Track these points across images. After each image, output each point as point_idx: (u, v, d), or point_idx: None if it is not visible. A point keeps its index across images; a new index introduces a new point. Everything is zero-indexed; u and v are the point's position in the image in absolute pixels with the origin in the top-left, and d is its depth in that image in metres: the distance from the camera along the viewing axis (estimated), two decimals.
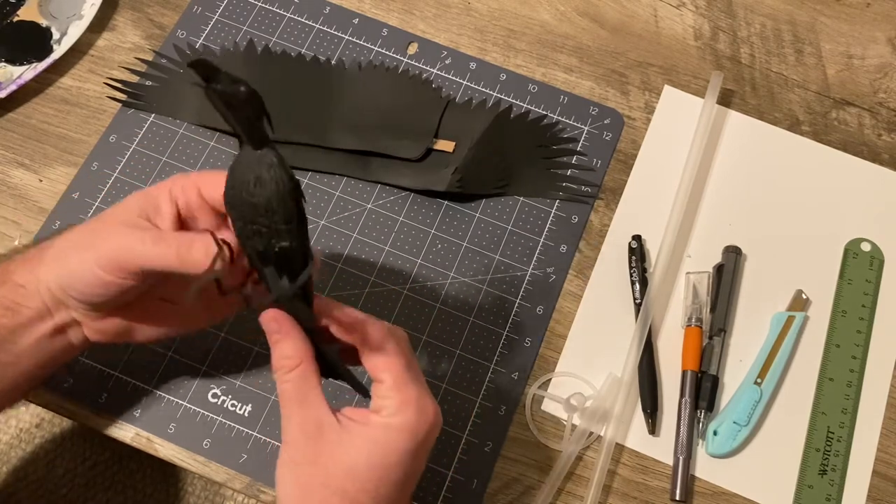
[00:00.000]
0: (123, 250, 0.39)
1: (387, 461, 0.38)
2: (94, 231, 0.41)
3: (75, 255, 0.40)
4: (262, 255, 0.37)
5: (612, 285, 0.56)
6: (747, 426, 0.51)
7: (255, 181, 0.35)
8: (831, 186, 0.59)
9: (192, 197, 0.42)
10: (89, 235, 0.41)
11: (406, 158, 0.57)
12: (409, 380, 0.39)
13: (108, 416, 0.51)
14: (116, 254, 0.39)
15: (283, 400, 0.39)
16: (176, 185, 0.42)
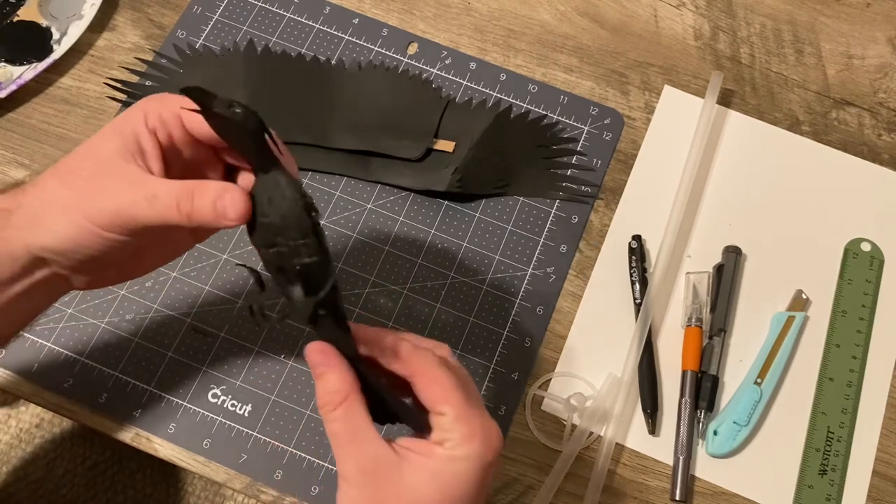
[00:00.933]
0: (119, 209, 0.36)
1: (454, 493, 0.36)
2: (74, 188, 0.37)
3: (59, 216, 0.37)
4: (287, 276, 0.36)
5: (612, 285, 0.56)
6: (747, 426, 0.51)
7: (268, 202, 0.35)
8: (831, 186, 0.59)
9: (176, 130, 0.39)
10: (68, 193, 0.37)
11: (406, 158, 0.57)
12: (472, 409, 0.37)
13: (108, 416, 0.51)
14: (112, 213, 0.36)
15: (334, 439, 0.37)
16: (152, 116, 0.38)
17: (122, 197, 0.36)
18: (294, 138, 0.58)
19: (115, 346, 0.53)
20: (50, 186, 0.38)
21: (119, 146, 0.38)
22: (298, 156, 0.58)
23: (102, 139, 0.38)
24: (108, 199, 0.36)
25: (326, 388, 0.37)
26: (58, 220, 0.37)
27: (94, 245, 0.37)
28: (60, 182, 0.38)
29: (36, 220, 0.38)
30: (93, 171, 0.37)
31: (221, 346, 0.53)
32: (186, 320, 0.54)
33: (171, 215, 0.36)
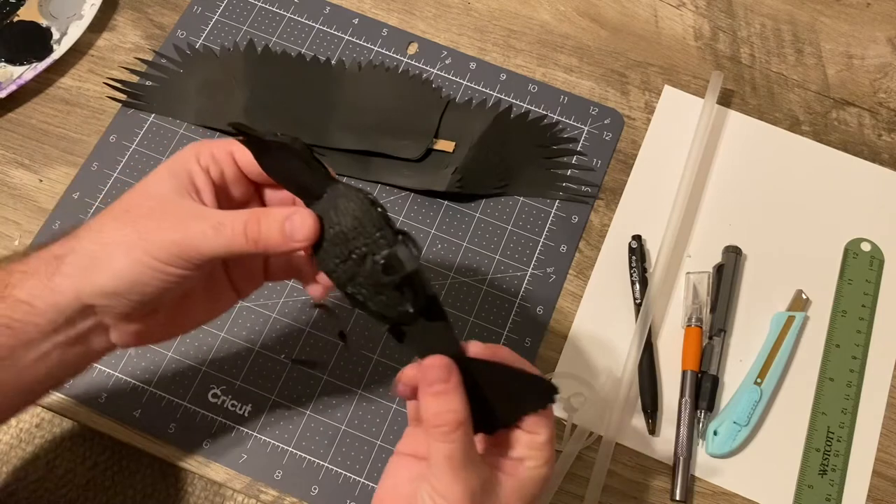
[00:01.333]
0: (184, 241, 0.36)
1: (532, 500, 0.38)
2: (132, 226, 0.37)
3: (120, 255, 0.36)
4: (369, 288, 0.35)
5: (612, 285, 0.56)
6: (747, 426, 0.51)
7: (334, 213, 0.35)
8: (831, 186, 0.59)
9: (228, 167, 0.39)
10: (127, 232, 0.37)
11: (406, 158, 0.57)
12: (554, 433, 0.38)
13: (108, 416, 0.51)
14: (176, 246, 0.36)
15: (448, 462, 0.35)
16: (204, 155, 0.39)
17: (185, 229, 0.36)
18: None
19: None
20: (108, 227, 0.37)
21: (174, 184, 0.38)
22: None
23: (156, 179, 0.38)
24: (171, 233, 0.36)
25: (447, 408, 0.35)
26: (118, 258, 0.36)
27: (153, 282, 0.37)
28: (118, 222, 0.37)
29: (92, 262, 0.37)
30: (151, 207, 0.37)
31: (221, 346, 0.53)
32: None
33: (238, 242, 0.36)
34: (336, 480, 0.50)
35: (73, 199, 0.57)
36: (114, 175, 0.57)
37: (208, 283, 0.42)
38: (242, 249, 0.36)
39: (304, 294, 0.55)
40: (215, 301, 0.43)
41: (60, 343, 0.38)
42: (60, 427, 0.53)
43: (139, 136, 0.59)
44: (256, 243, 0.36)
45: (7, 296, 0.37)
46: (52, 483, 0.52)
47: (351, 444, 0.51)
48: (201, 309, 0.42)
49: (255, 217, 0.36)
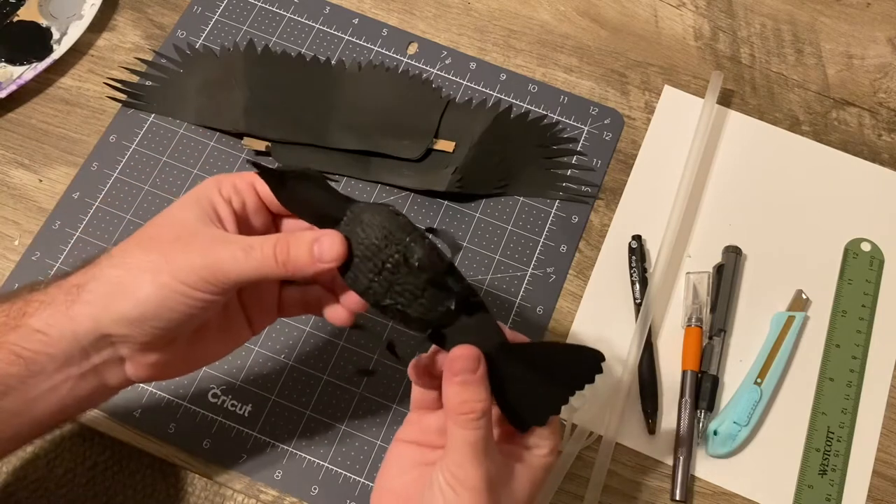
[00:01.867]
0: (213, 265, 0.36)
1: (538, 492, 0.40)
2: (159, 251, 0.37)
3: (147, 280, 0.36)
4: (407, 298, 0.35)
5: (612, 285, 0.56)
6: (747, 426, 0.51)
7: (361, 229, 0.35)
8: (831, 186, 0.59)
9: (249, 198, 0.39)
10: (154, 257, 0.36)
11: (406, 158, 0.57)
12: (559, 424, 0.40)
13: (109, 417, 0.51)
14: (205, 269, 0.36)
15: (471, 448, 0.36)
16: (226, 185, 0.39)
17: (215, 253, 0.36)
18: (294, 138, 0.58)
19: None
20: (133, 253, 0.37)
21: (198, 213, 0.38)
22: (298, 156, 0.58)
23: (180, 208, 0.38)
24: (200, 257, 0.36)
25: (474, 397, 0.36)
26: (142, 284, 0.36)
27: (179, 307, 0.36)
28: (143, 248, 0.37)
29: (117, 288, 0.37)
30: (177, 234, 0.37)
31: None
32: None
33: (268, 265, 0.36)
34: (336, 480, 0.50)
35: (73, 199, 0.57)
36: (114, 175, 0.57)
37: (224, 317, 0.42)
38: (272, 272, 0.36)
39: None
40: (230, 335, 0.43)
41: (74, 376, 0.38)
42: (60, 427, 0.53)
43: (139, 136, 0.59)
44: (286, 265, 0.36)
45: (22, 325, 0.37)
46: (52, 483, 0.52)
47: (351, 444, 0.51)
48: (216, 343, 0.42)
49: (284, 240, 0.36)
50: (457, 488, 0.36)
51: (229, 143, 0.59)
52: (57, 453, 0.53)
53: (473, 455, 0.36)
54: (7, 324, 0.37)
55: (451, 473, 0.36)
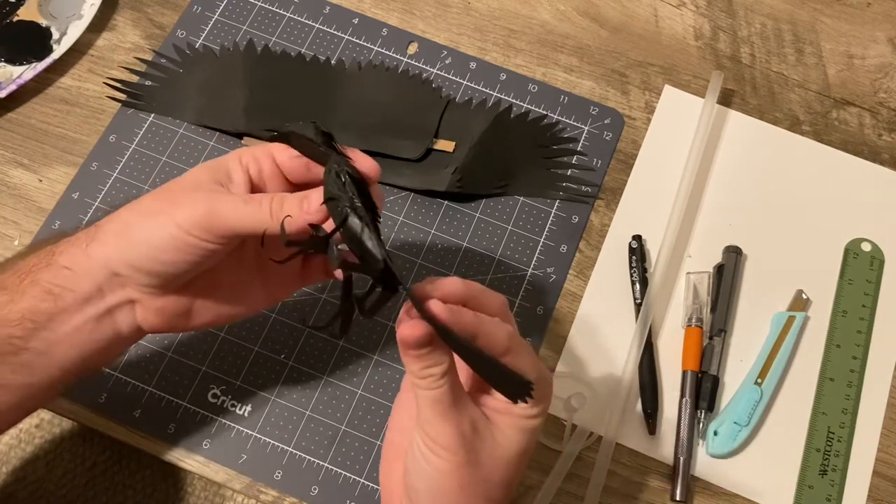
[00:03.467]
0: (211, 211, 0.38)
1: (530, 446, 0.39)
2: (167, 199, 0.39)
3: (150, 222, 0.39)
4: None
5: (612, 285, 0.56)
6: (747, 426, 0.51)
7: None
8: (831, 186, 0.59)
9: (266, 164, 0.41)
10: (161, 203, 0.39)
11: (406, 158, 0.57)
12: (543, 368, 0.39)
13: (108, 416, 0.51)
14: (203, 216, 0.38)
15: (437, 406, 0.36)
16: (246, 155, 0.41)
17: (213, 201, 0.38)
18: None
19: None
20: (146, 200, 0.40)
21: (210, 175, 0.40)
22: None
23: (197, 170, 0.41)
24: (201, 204, 0.38)
25: (429, 363, 0.36)
26: (147, 225, 0.39)
27: (177, 252, 0.38)
28: (154, 197, 0.40)
29: (123, 229, 0.39)
30: (185, 186, 0.40)
31: (221, 346, 0.53)
32: None
33: (263, 217, 0.38)
34: (336, 480, 0.50)
35: (73, 199, 0.57)
36: (113, 175, 0.57)
37: (237, 276, 0.43)
38: (266, 225, 0.38)
39: (303, 294, 0.55)
40: (242, 297, 0.44)
41: (92, 317, 0.40)
42: (60, 427, 0.53)
43: (139, 136, 0.59)
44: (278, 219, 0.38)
45: (52, 262, 0.40)
46: (51, 483, 0.52)
47: (351, 444, 0.51)
48: (228, 303, 0.43)
49: (280, 197, 0.39)
50: (433, 448, 0.36)
51: (229, 143, 0.59)
52: (57, 453, 0.53)
53: (440, 412, 0.36)
54: (39, 263, 0.40)
55: (424, 432, 0.36)
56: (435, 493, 0.37)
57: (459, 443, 0.36)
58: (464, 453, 0.36)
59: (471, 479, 0.36)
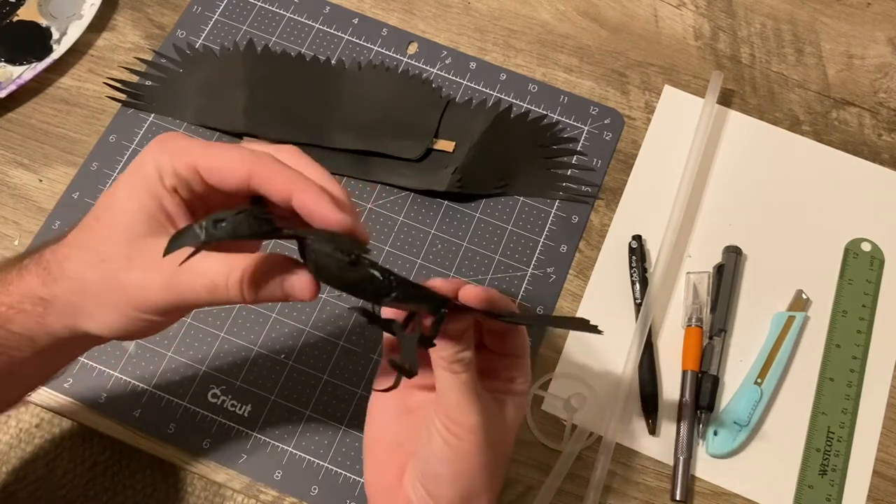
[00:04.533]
0: (179, 299, 0.35)
1: (522, 419, 0.42)
2: (115, 280, 0.35)
3: (108, 310, 0.36)
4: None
5: (612, 285, 0.56)
6: (747, 426, 0.51)
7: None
8: (831, 186, 0.59)
9: (196, 185, 0.36)
10: (110, 287, 0.35)
11: (406, 158, 0.57)
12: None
13: (108, 416, 0.51)
14: (168, 304, 0.35)
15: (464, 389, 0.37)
16: (167, 175, 0.35)
17: (177, 288, 0.34)
18: (294, 138, 0.58)
19: (115, 346, 0.53)
20: (86, 278, 0.36)
21: (144, 218, 0.35)
22: None
23: (122, 208, 0.35)
24: (162, 293, 0.35)
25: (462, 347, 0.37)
26: (105, 313, 0.36)
27: (147, 329, 0.37)
28: (97, 272, 0.35)
29: (80, 312, 0.36)
30: (129, 258, 0.35)
31: (221, 346, 0.53)
32: (187, 320, 0.54)
33: (234, 299, 0.35)
34: (336, 480, 0.50)
35: (73, 199, 0.57)
36: (113, 175, 0.57)
37: None
38: (239, 302, 0.35)
39: None
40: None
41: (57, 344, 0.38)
42: (60, 427, 0.53)
43: (139, 136, 0.59)
44: (256, 301, 0.35)
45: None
46: (52, 483, 0.52)
47: (351, 444, 0.51)
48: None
49: (251, 276, 0.34)
50: (457, 432, 0.37)
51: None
52: (57, 453, 0.53)
53: (468, 396, 0.37)
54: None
55: (448, 418, 0.37)
56: (458, 476, 0.38)
57: (482, 425, 0.37)
58: (484, 434, 0.38)
59: (490, 459, 0.38)
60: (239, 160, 0.35)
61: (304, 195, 0.34)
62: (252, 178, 0.35)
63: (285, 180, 0.34)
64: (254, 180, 0.34)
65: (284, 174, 0.35)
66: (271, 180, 0.34)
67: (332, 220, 0.34)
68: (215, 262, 0.34)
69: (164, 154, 0.35)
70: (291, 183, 0.34)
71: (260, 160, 0.35)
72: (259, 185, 0.35)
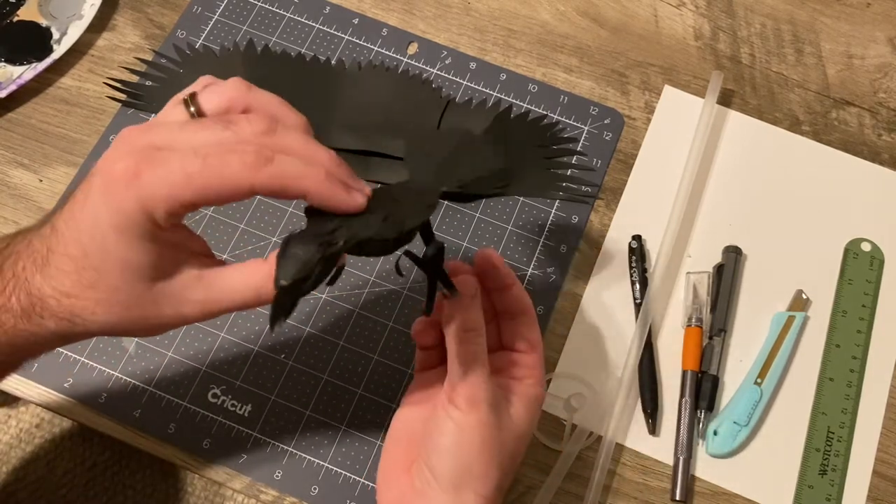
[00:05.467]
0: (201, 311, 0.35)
1: (532, 428, 0.43)
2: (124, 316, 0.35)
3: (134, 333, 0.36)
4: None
5: (612, 285, 0.56)
6: (747, 426, 0.51)
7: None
8: (831, 186, 0.59)
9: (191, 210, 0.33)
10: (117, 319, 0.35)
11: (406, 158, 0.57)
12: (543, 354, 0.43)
13: (108, 416, 0.51)
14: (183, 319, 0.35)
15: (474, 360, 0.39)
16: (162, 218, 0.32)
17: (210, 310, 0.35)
18: None
19: (116, 346, 0.53)
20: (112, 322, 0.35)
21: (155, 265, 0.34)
22: None
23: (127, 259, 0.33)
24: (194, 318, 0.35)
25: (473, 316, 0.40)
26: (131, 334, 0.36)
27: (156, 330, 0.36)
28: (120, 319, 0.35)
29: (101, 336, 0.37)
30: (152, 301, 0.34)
31: (221, 346, 0.53)
32: None
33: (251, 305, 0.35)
34: (336, 480, 0.50)
35: None
36: None
37: None
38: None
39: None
40: None
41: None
42: (60, 427, 0.53)
43: None
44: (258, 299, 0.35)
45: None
46: (52, 483, 0.52)
47: (351, 444, 0.51)
48: None
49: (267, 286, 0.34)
50: (460, 403, 0.38)
51: None
52: (57, 453, 0.53)
53: (473, 369, 0.39)
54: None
55: (453, 388, 0.39)
56: (457, 447, 0.39)
57: (486, 400, 0.39)
58: (487, 411, 0.39)
59: (490, 439, 0.39)
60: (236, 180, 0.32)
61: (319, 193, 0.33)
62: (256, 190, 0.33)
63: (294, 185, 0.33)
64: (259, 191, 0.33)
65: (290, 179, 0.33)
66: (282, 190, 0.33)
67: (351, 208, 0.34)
68: (240, 279, 0.35)
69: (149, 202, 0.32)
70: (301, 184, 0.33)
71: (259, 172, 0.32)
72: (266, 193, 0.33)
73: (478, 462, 0.39)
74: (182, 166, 0.31)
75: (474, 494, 0.38)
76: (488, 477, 0.39)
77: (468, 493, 0.38)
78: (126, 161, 0.32)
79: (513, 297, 0.43)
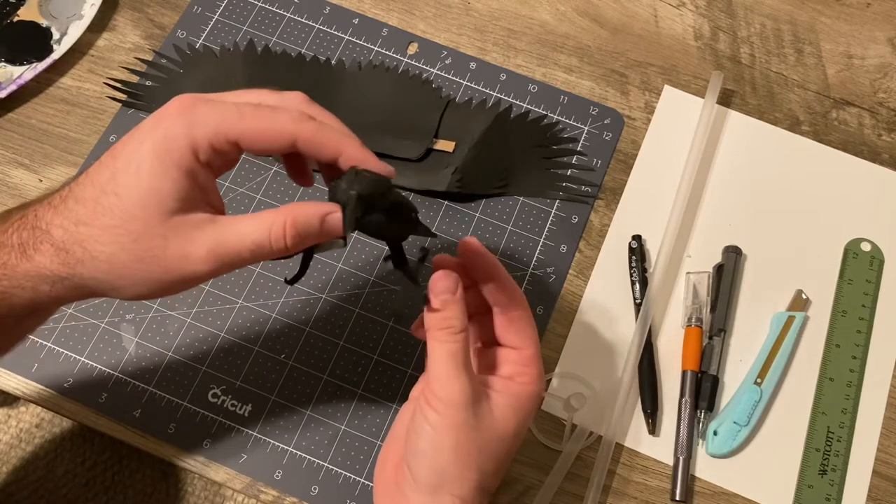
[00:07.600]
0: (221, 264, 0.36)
1: (526, 423, 0.41)
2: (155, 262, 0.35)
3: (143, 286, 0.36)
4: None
5: (612, 285, 0.56)
6: (747, 426, 0.51)
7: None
8: (831, 186, 0.59)
9: (231, 154, 0.36)
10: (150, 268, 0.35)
11: (406, 158, 0.57)
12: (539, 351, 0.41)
13: (108, 416, 0.51)
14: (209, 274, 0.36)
15: (449, 360, 0.38)
16: (203, 148, 0.34)
17: (219, 255, 0.35)
18: None
19: (116, 346, 0.53)
20: (118, 259, 0.35)
21: (178, 196, 0.35)
22: None
23: (152, 186, 0.34)
24: (202, 263, 0.35)
25: (452, 314, 0.38)
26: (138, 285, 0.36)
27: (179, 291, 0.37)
28: (128, 253, 0.35)
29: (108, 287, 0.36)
30: (162, 235, 0.35)
31: (221, 346, 0.53)
32: (186, 320, 0.54)
33: (277, 253, 0.36)
34: (336, 480, 0.50)
35: None
36: None
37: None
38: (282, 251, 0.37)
39: (304, 294, 0.55)
40: None
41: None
42: (60, 427, 0.53)
43: None
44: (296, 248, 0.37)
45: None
46: (52, 483, 0.52)
47: (351, 444, 0.51)
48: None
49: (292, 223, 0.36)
50: (436, 404, 0.37)
51: None
52: (57, 453, 0.53)
53: (454, 367, 0.37)
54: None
55: (430, 391, 0.38)
56: (432, 449, 0.38)
57: (461, 402, 0.37)
58: (464, 413, 0.37)
59: (467, 443, 0.38)
60: (281, 127, 0.36)
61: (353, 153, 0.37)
62: (298, 143, 0.36)
63: (334, 143, 0.36)
64: (300, 144, 0.36)
65: (331, 137, 0.36)
66: (321, 145, 0.36)
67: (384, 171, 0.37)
68: (251, 223, 0.36)
69: (198, 128, 0.35)
70: (340, 144, 0.36)
71: (302, 124, 0.36)
72: (305, 147, 0.36)
73: (453, 464, 0.37)
74: (237, 107, 0.35)
75: (450, 496, 0.37)
76: (465, 479, 0.38)
77: (444, 495, 0.37)
78: (183, 100, 0.35)
79: (501, 287, 0.41)
